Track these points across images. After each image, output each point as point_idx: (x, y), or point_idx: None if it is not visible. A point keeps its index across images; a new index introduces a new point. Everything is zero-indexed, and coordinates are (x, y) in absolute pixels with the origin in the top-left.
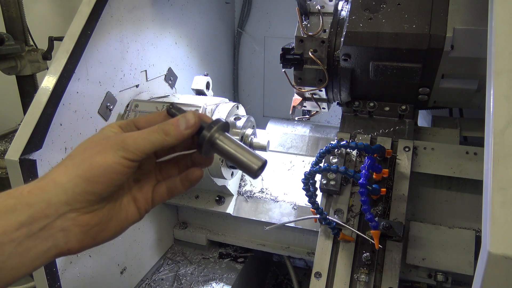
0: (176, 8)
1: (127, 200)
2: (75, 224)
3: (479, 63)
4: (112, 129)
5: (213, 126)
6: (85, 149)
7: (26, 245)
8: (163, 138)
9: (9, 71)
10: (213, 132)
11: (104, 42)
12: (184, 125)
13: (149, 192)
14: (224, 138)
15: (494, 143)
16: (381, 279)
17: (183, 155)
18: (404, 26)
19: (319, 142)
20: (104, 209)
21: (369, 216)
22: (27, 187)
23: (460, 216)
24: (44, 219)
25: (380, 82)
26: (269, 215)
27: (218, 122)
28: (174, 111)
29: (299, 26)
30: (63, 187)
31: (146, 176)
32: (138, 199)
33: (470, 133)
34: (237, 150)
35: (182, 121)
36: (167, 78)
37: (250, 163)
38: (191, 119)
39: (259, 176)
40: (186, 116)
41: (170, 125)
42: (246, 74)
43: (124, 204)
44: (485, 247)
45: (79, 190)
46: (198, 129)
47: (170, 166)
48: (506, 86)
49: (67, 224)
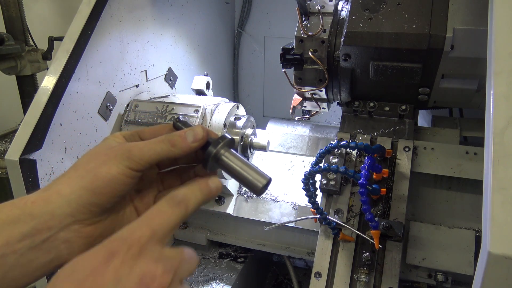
0: (176, 8)
1: (129, 211)
2: (79, 235)
3: (479, 63)
4: (116, 139)
5: (220, 142)
6: (89, 160)
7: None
8: (169, 149)
9: (9, 71)
10: (219, 148)
11: (104, 42)
12: (192, 138)
13: (151, 202)
14: (229, 155)
15: (494, 143)
16: (381, 279)
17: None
18: (404, 26)
19: (319, 142)
20: (106, 220)
21: (369, 216)
22: (31, 198)
23: (460, 216)
24: (48, 230)
25: (380, 82)
26: (269, 215)
27: (225, 139)
28: (180, 125)
29: (299, 26)
30: (67, 198)
31: (148, 186)
32: (140, 209)
33: (470, 133)
34: (242, 167)
35: (190, 134)
36: (167, 78)
37: (255, 181)
38: (199, 132)
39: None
40: (195, 130)
41: (177, 136)
42: (246, 74)
43: (127, 214)
44: (485, 247)
45: (83, 202)
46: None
47: (172, 177)
48: (506, 86)
49: (71, 236)
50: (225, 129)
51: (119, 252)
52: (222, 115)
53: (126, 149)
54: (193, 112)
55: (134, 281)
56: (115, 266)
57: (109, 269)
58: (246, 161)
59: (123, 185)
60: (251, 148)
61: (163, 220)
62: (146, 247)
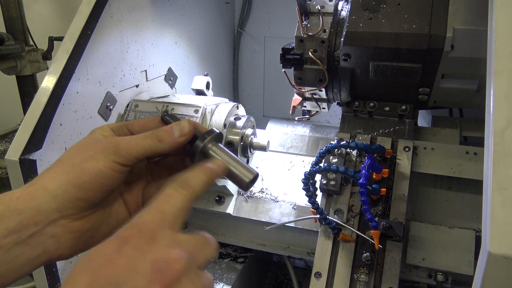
0: (176, 8)
1: (117, 204)
2: (66, 230)
3: (479, 63)
4: (104, 132)
5: (207, 136)
6: (75, 154)
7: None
8: (156, 144)
9: (9, 71)
10: (206, 143)
11: (104, 42)
12: (178, 133)
13: (139, 194)
14: (217, 149)
15: (494, 143)
16: (381, 279)
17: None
18: (404, 26)
19: (319, 142)
20: (95, 214)
21: (369, 216)
22: (16, 193)
23: (460, 216)
24: (34, 226)
25: (380, 82)
26: (269, 215)
27: (212, 133)
28: (168, 119)
29: (299, 26)
30: (53, 193)
31: (136, 178)
32: (128, 202)
33: (470, 133)
34: (229, 162)
35: (176, 129)
36: (167, 78)
37: (242, 175)
38: (185, 127)
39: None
40: (181, 124)
41: (164, 131)
42: (246, 74)
43: (115, 207)
44: (485, 247)
45: (69, 197)
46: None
47: (161, 168)
48: (506, 86)
49: (58, 231)
50: (225, 129)
51: (131, 239)
52: (222, 115)
53: (113, 143)
54: (193, 112)
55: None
56: (128, 253)
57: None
58: (234, 155)
59: (110, 179)
60: (251, 148)
61: (170, 203)
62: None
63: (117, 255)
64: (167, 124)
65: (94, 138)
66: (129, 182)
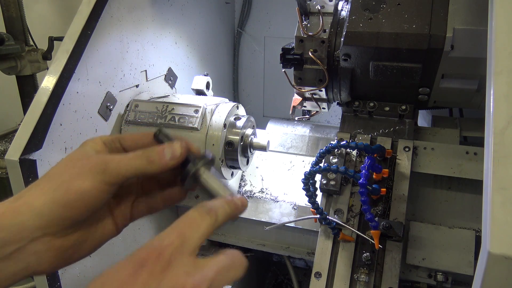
0: (176, 8)
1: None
2: (49, 248)
3: (479, 63)
4: (96, 145)
5: (198, 161)
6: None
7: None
8: (146, 166)
9: (9, 71)
10: (198, 167)
11: (104, 42)
12: (170, 155)
13: (128, 208)
14: (207, 176)
15: (494, 143)
16: (381, 279)
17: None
18: (404, 26)
19: (319, 142)
20: (79, 231)
21: (369, 216)
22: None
23: (460, 216)
24: (17, 242)
25: (380, 82)
26: (269, 215)
27: (204, 157)
28: (161, 138)
29: (299, 26)
30: (38, 211)
31: (126, 192)
32: (116, 215)
33: (470, 133)
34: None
35: (168, 151)
36: (167, 78)
37: None
38: (177, 150)
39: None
40: (173, 147)
41: (155, 153)
42: (246, 74)
43: (101, 222)
44: (485, 247)
45: (54, 216)
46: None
47: (152, 183)
48: (506, 86)
49: (40, 248)
50: (225, 129)
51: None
52: (222, 115)
53: (103, 162)
54: (193, 112)
55: None
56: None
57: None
58: (224, 183)
59: (97, 199)
60: (251, 148)
61: (193, 228)
62: (176, 257)
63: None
64: (160, 142)
65: (85, 153)
66: (118, 195)
